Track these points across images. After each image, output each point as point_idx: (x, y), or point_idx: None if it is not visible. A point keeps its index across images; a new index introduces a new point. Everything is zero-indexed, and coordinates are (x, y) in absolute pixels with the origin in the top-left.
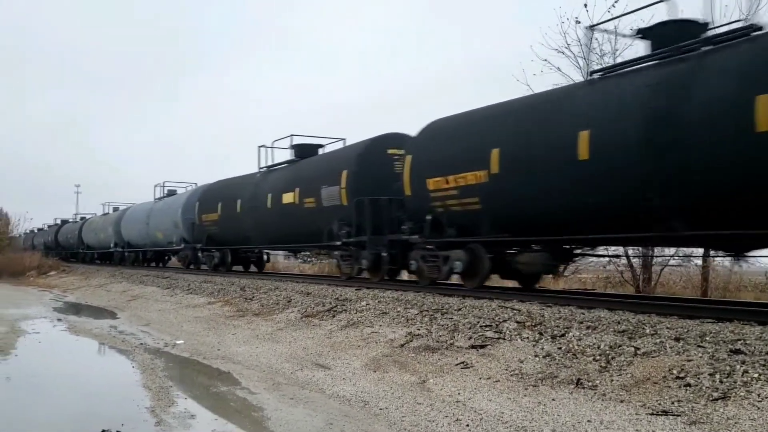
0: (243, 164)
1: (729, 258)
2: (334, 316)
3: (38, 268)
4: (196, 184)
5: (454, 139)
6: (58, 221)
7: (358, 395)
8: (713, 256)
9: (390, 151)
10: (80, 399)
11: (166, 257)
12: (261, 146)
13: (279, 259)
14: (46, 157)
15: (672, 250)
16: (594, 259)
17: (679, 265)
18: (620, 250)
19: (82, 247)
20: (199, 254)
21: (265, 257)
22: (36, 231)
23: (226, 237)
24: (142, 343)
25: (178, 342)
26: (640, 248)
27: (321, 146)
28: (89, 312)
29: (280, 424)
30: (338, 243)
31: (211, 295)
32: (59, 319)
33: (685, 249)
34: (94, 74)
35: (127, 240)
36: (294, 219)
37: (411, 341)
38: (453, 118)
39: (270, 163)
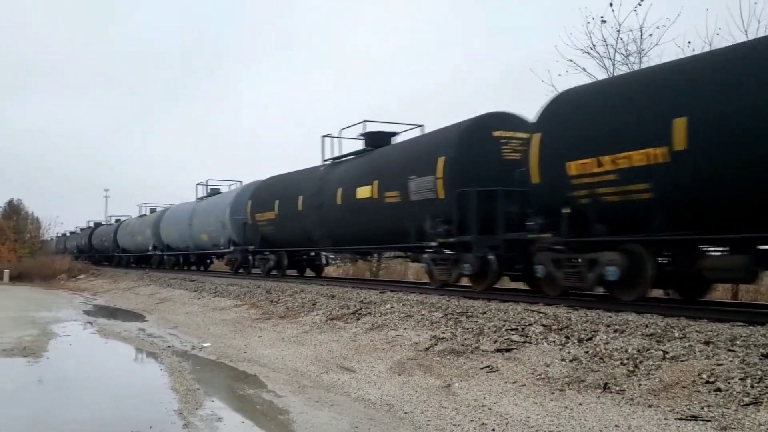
0: (252, 167)
1: None
2: (358, 319)
3: (68, 272)
4: (241, 182)
5: (610, 109)
6: (91, 224)
7: (383, 399)
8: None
9: (496, 134)
10: (109, 401)
11: (208, 260)
12: (325, 135)
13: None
14: (71, 162)
15: None
16: None
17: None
18: None
19: (117, 250)
20: (251, 257)
21: (323, 261)
22: (68, 234)
23: (284, 238)
24: (169, 346)
25: (205, 345)
26: None
27: (395, 134)
28: (118, 315)
29: (305, 427)
30: (432, 244)
31: (237, 297)
32: (89, 322)
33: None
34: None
35: (166, 242)
36: (371, 216)
37: (436, 345)
38: (601, 85)
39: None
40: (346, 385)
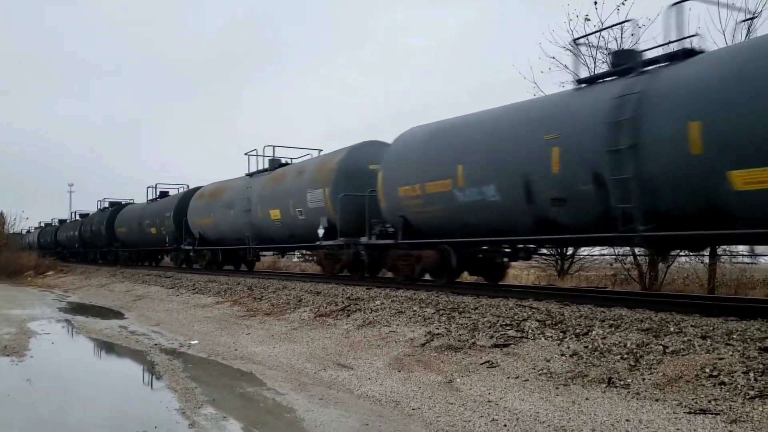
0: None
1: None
2: (348, 316)
3: (35, 268)
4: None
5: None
6: (105, 206)
7: (388, 395)
8: (721, 255)
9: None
10: (107, 401)
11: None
12: None
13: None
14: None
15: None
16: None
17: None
18: None
19: (186, 240)
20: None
21: None
22: (56, 224)
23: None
24: (156, 344)
25: (192, 342)
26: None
27: None
28: (95, 312)
29: (315, 425)
30: None
31: (218, 294)
32: (67, 320)
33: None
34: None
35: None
36: None
37: (432, 340)
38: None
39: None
40: (347, 382)
